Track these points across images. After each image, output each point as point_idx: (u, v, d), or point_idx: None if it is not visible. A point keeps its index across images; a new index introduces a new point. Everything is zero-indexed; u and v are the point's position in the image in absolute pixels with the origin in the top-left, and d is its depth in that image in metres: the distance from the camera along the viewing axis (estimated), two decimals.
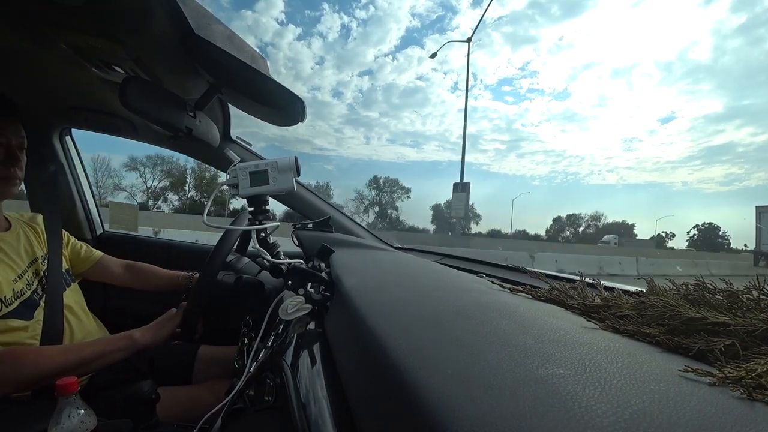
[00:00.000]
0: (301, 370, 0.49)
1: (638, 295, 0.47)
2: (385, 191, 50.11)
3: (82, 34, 0.74)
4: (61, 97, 1.18)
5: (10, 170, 0.84)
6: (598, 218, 62.62)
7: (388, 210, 50.09)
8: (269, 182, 0.75)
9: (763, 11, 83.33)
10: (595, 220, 62.64)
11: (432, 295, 0.55)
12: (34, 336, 0.80)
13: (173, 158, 42.99)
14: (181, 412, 0.79)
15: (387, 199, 50.28)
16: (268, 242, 0.80)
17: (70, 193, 1.52)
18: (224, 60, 0.73)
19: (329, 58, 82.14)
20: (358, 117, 78.87)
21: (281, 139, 68.32)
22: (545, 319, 0.41)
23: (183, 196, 44.86)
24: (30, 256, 0.90)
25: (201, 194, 43.82)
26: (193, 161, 37.40)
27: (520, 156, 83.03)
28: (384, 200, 50.01)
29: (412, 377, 0.26)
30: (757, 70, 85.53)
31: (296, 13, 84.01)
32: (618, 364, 0.28)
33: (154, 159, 42.21)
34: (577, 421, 0.20)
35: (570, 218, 64.03)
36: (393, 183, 50.98)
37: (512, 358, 0.28)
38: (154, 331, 0.85)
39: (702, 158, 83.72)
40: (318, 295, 0.65)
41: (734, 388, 0.25)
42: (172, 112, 0.87)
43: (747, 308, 0.35)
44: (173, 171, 43.76)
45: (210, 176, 41.90)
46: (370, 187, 50.23)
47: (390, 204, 50.63)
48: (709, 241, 58.43)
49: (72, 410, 0.53)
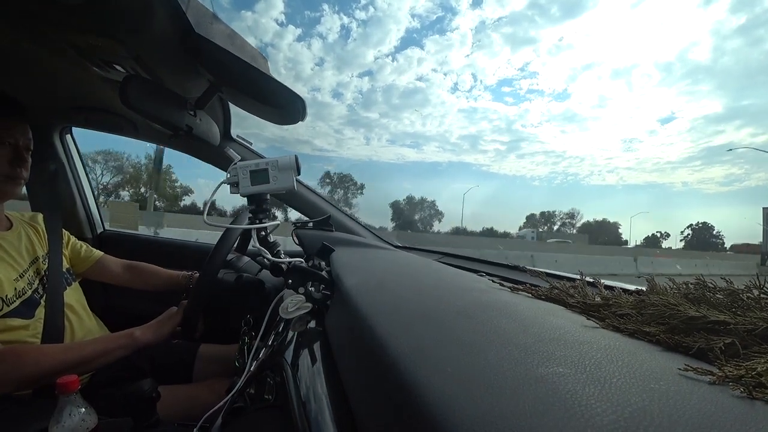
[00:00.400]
0: (302, 368, 0.49)
1: (638, 294, 0.47)
2: (339, 187, 49.27)
3: (83, 33, 0.74)
4: (62, 96, 1.18)
5: (17, 170, 0.84)
6: (573, 216, 61.51)
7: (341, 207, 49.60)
8: (270, 181, 0.75)
9: (763, 12, 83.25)
10: (570, 217, 61.53)
11: (432, 294, 0.55)
12: (35, 335, 0.80)
13: (125, 154, 41.60)
14: (182, 411, 0.79)
15: (341, 196, 49.23)
16: (269, 241, 0.80)
17: (70, 191, 1.52)
18: (225, 59, 0.73)
19: (329, 59, 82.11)
20: (358, 118, 78.87)
21: (281, 140, 68.34)
22: (545, 317, 0.41)
23: (134, 193, 43.20)
24: (31, 255, 0.90)
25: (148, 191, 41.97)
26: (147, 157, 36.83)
27: (520, 157, 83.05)
28: (338, 197, 48.91)
29: (413, 376, 0.26)
30: (757, 70, 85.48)
31: (296, 14, 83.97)
32: (618, 363, 0.28)
33: (105, 155, 40.83)
34: (577, 420, 0.20)
35: (543, 216, 62.72)
36: (346, 179, 49.73)
37: (512, 357, 0.28)
38: (154, 330, 0.85)
39: (702, 159, 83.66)
40: (318, 293, 0.65)
41: (734, 387, 0.25)
42: (173, 111, 0.87)
43: (747, 307, 0.35)
44: (126, 167, 42.33)
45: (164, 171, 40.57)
46: (323, 183, 49.32)
47: (344, 200, 49.69)
48: (702, 240, 58.16)
49: (73, 408, 0.53)
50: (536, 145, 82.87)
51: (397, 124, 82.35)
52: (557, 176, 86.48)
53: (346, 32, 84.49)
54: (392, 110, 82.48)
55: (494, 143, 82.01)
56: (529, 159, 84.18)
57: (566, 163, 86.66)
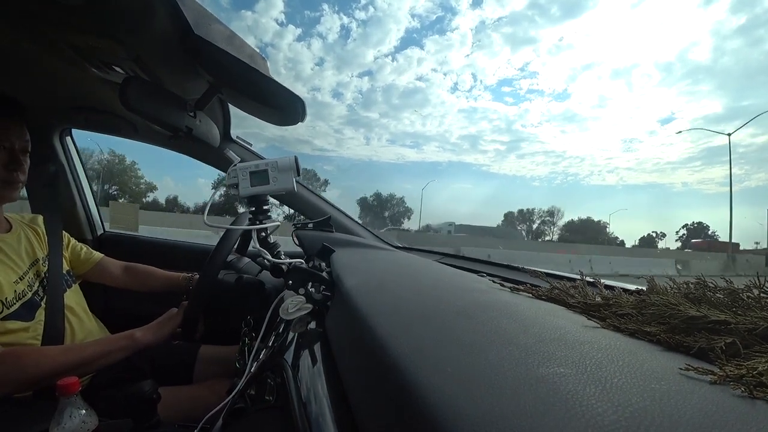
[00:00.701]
0: (302, 369, 0.49)
1: (639, 294, 0.47)
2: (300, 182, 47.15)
3: (83, 33, 0.74)
4: (62, 98, 1.18)
5: (12, 174, 0.83)
6: (552, 214, 59.11)
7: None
8: (269, 182, 0.75)
9: (763, 12, 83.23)
10: (550, 215, 59.13)
11: (433, 295, 0.55)
12: (35, 337, 0.80)
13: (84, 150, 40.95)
14: (182, 412, 0.79)
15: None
16: (269, 242, 0.80)
17: (70, 193, 1.53)
18: (224, 60, 0.73)
19: (329, 59, 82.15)
20: (358, 118, 78.89)
21: (281, 140, 68.34)
22: (546, 318, 0.41)
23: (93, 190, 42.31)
24: (31, 257, 0.90)
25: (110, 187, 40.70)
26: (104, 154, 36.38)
27: (520, 157, 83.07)
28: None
29: (413, 376, 0.26)
30: (757, 71, 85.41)
31: (296, 13, 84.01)
32: (619, 363, 0.28)
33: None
34: (577, 420, 0.20)
35: (521, 213, 60.58)
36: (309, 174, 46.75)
37: (513, 357, 0.28)
38: (154, 331, 0.85)
39: (702, 159, 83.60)
40: (319, 294, 0.65)
41: (735, 387, 0.25)
42: (172, 112, 0.87)
43: (747, 306, 0.35)
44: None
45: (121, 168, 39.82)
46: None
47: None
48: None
49: (73, 410, 0.53)
50: (536, 145, 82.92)
51: (397, 124, 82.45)
52: (557, 176, 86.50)
53: (346, 32, 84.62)
54: (392, 110, 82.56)
55: (494, 143, 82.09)
56: (529, 159, 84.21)
57: (566, 163, 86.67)
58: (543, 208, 60.76)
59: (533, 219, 60.29)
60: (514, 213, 61.77)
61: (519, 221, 61.07)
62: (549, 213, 59.39)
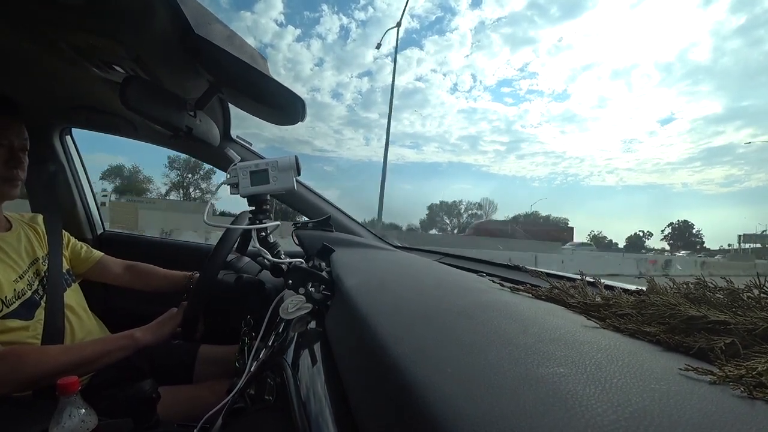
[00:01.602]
0: (302, 369, 0.49)
1: (638, 294, 0.47)
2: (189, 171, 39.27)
3: (83, 33, 0.74)
4: (61, 97, 1.18)
5: (12, 172, 0.83)
6: (481, 206, 53.40)
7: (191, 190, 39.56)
8: (270, 181, 0.75)
9: (763, 12, 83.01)
10: (479, 208, 53.47)
11: (433, 295, 0.55)
12: (35, 335, 0.80)
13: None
14: (182, 412, 0.79)
15: (191, 180, 39.99)
16: (269, 241, 0.80)
17: (70, 192, 1.52)
18: (224, 59, 0.73)
19: (328, 60, 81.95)
20: (358, 118, 78.72)
21: (281, 141, 68.20)
22: (546, 317, 0.41)
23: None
24: (31, 256, 0.90)
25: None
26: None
27: (520, 157, 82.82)
28: (187, 182, 39.98)
29: (413, 376, 0.26)
30: (757, 71, 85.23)
31: (295, 14, 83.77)
32: (618, 363, 0.28)
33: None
34: (577, 420, 0.20)
35: (443, 206, 54.95)
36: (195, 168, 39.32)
37: (513, 357, 0.28)
38: (154, 331, 0.85)
39: (702, 159, 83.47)
40: (318, 294, 0.65)
41: (735, 387, 0.25)
42: (172, 112, 0.87)
43: (747, 306, 0.35)
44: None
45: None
46: (171, 167, 39.82)
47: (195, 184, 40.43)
48: (683, 239, 57.20)
49: (73, 410, 0.53)
50: (536, 146, 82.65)
51: (397, 124, 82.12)
52: (557, 177, 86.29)
53: (346, 33, 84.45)
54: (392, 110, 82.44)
55: (494, 144, 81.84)
56: (528, 159, 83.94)
57: (566, 164, 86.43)
58: (472, 200, 55.87)
59: (459, 212, 54.85)
60: (436, 204, 55.77)
61: (444, 214, 55.29)
62: (478, 206, 54.08)
